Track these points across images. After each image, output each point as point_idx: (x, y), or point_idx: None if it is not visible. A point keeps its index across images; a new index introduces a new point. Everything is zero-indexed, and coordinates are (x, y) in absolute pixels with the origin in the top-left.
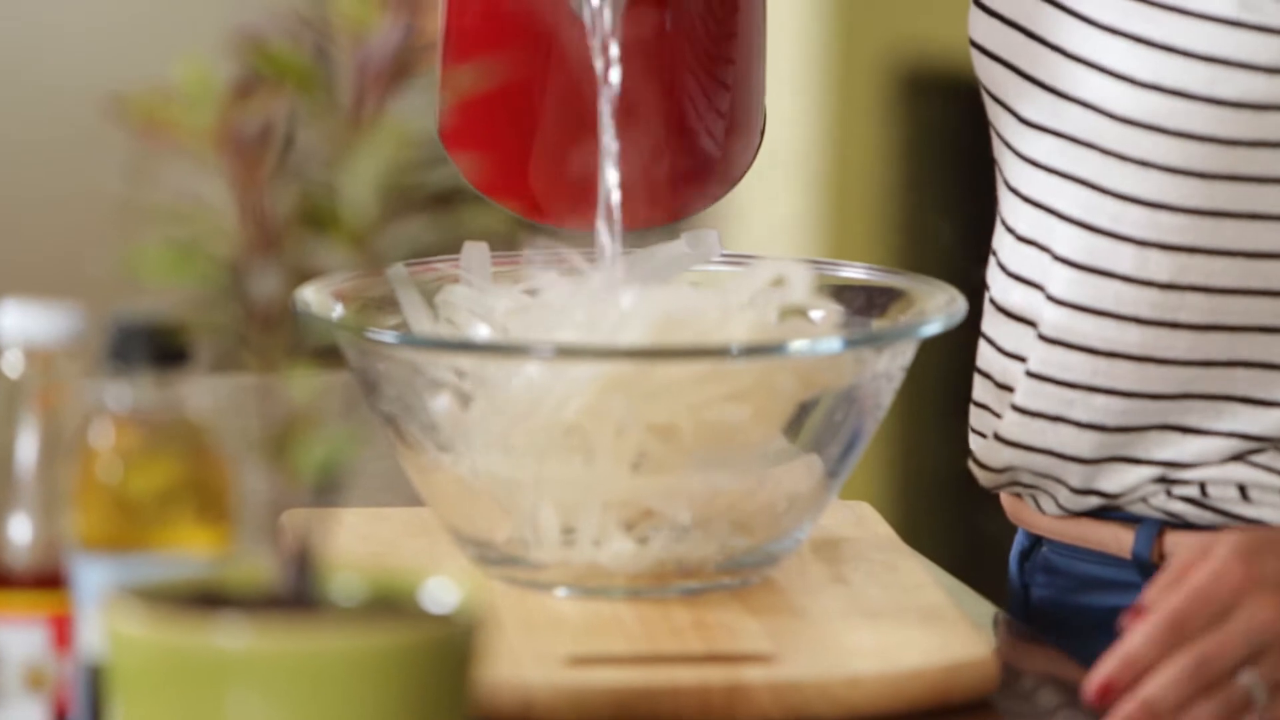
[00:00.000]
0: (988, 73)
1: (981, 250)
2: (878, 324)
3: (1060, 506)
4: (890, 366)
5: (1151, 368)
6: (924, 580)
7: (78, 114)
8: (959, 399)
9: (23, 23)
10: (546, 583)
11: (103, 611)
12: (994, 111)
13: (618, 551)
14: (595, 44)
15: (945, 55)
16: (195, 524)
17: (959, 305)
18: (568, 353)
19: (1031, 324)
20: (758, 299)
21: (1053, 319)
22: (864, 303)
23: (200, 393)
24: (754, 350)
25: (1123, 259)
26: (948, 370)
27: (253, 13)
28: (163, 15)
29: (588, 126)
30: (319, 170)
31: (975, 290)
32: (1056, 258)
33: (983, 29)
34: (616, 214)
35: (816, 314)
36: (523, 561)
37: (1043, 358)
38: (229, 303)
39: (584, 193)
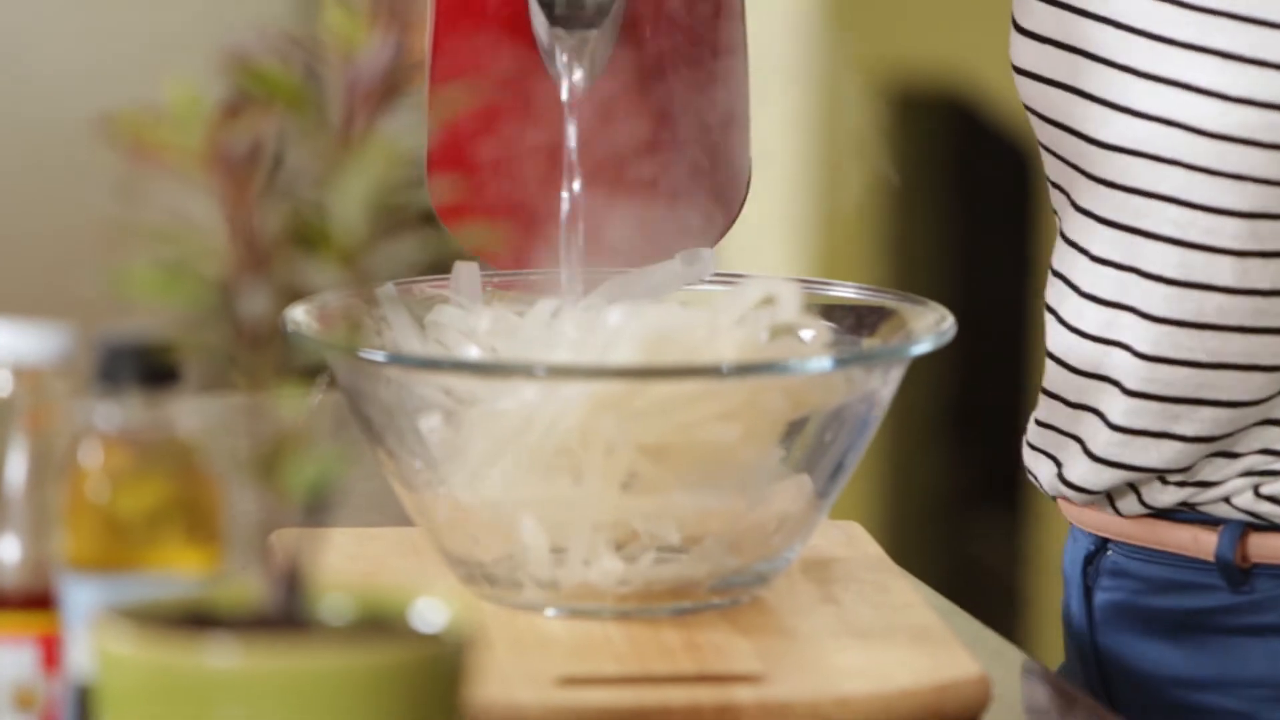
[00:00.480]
0: (1042, 98)
1: (970, 269)
2: (868, 343)
3: (1143, 504)
4: (880, 386)
5: (1258, 375)
6: (914, 600)
7: (67, 134)
8: (949, 419)
9: (12, 42)
10: (536, 603)
11: (92, 631)
12: (1053, 136)
13: (607, 571)
14: (565, 105)
15: (936, 76)
16: (185, 544)
17: (949, 325)
18: (559, 372)
19: (1114, 343)
20: (747, 317)
21: (1151, 336)
22: (854, 322)
23: (189, 412)
24: (744, 369)
25: (1222, 271)
26: (938, 390)
27: (242, 33)
28: (152, 34)
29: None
30: (309, 189)
31: (967, 308)
32: (1146, 275)
33: (1032, 55)
34: (576, 261)
35: (806, 333)
36: (512, 581)
37: (1144, 376)
38: (218, 322)
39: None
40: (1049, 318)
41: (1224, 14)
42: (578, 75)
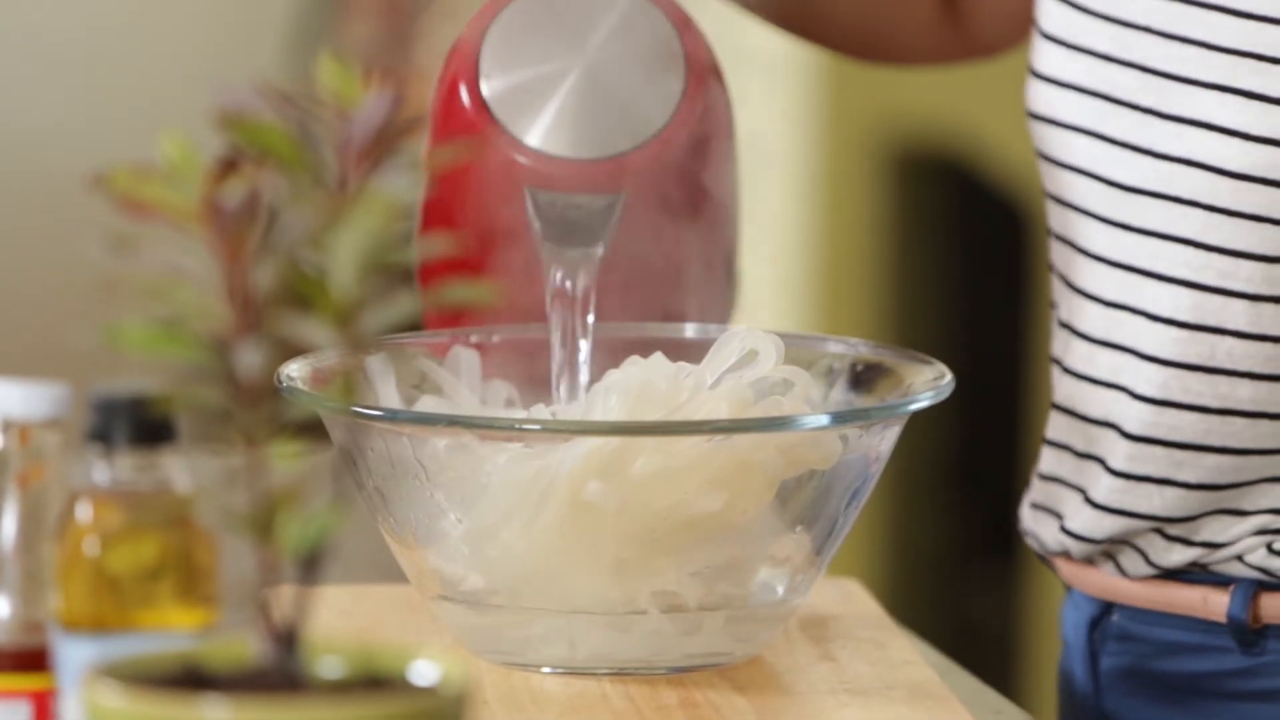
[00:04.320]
0: (1059, 144)
1: (968, 328)
2: (865, 400)
3: (1150, 564)
4: (878, 443)
5: (1265, 423)
6: (912, 657)
7: (61, 189)
8: (947, 476)
9: (4, 98)
10: (532, 661)
11: (84, 688)
12: (1066, 182)
13: (604, 637)
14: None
15: (934, 136)
16: (179, 601)
17: (947, 381)
18: (553, 428)
19: (1122, 388)
20: (732, 373)
21: (1159, 379)
22: (852, 379)
23: (183, 469)
24: (739, 426)
25: (1235, 315)
26: (936, 447)
27: (236, 88)
28: (146, 91)
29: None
30: (304, 245)
31: (965, 366)
32: (1157, 318)
33: (1050, 101)
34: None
35: (796, 388)
36: (507, 640)
37: (1149, 420)
38: (213, 378)
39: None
40: (1054, 370)
41: (1252, 55)
42: (582, 283)
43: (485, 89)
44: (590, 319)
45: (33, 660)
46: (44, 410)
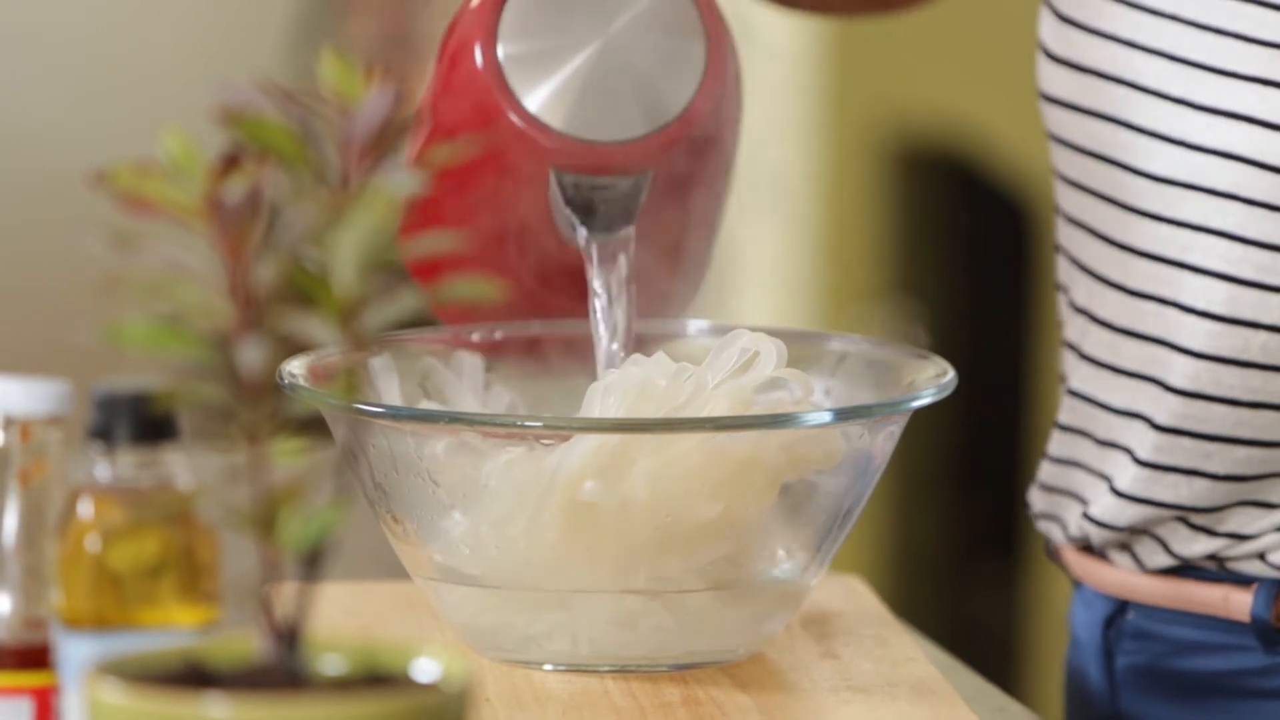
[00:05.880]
0: (1077, 128)
1: (971, 325)
2: (867, 397)
3: (1170, 554)
4: (881, 440)
5: None
6: (914, 655)
7: (63, 186)
8: (949, 472)
9: (7, 96)
10: (534, 658)
11: (86, 684)
12: (1085, 168)
13: (606, 633)
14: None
15: (939, 130)
16: (180, 597)
17: (949, 378)
18: (554, 425)
19: (1150, 379)
20: (735, 374)
21: (1191, 372)
22: (855, 375)
23: (185, 466)
24: (742, 423)
25: (1273, 309)
26: (939, 443)
27: (238, 85)
28: (148, 87)
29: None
30: (306, 242)
31: (968, 362)
32: (1189, 310)
33: (1066, 84)
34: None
35: (808, 392)
36: (509, 636)
37: (1179, 411)
38: (215, 375)
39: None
40: (1068, 354)
41: None
42: (621, 265)
43: (501, 52)
44: (632, 298)
45: (34, 657)
46: (46, 407)
